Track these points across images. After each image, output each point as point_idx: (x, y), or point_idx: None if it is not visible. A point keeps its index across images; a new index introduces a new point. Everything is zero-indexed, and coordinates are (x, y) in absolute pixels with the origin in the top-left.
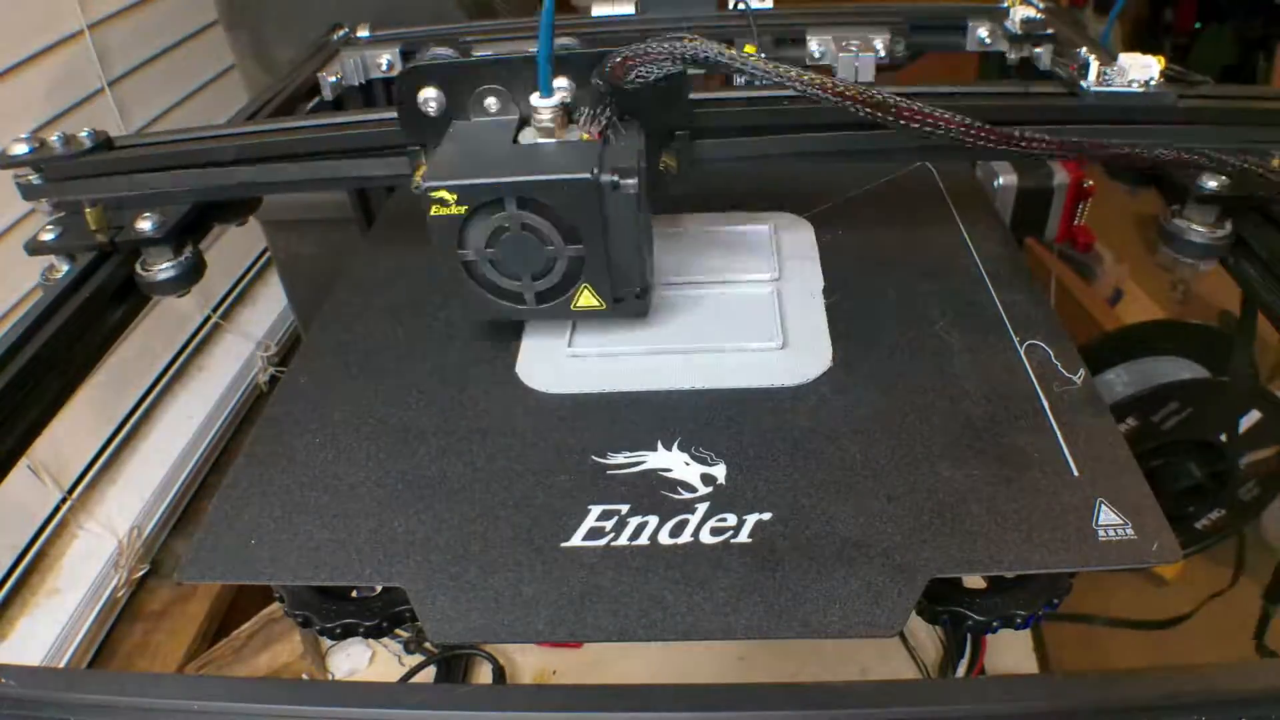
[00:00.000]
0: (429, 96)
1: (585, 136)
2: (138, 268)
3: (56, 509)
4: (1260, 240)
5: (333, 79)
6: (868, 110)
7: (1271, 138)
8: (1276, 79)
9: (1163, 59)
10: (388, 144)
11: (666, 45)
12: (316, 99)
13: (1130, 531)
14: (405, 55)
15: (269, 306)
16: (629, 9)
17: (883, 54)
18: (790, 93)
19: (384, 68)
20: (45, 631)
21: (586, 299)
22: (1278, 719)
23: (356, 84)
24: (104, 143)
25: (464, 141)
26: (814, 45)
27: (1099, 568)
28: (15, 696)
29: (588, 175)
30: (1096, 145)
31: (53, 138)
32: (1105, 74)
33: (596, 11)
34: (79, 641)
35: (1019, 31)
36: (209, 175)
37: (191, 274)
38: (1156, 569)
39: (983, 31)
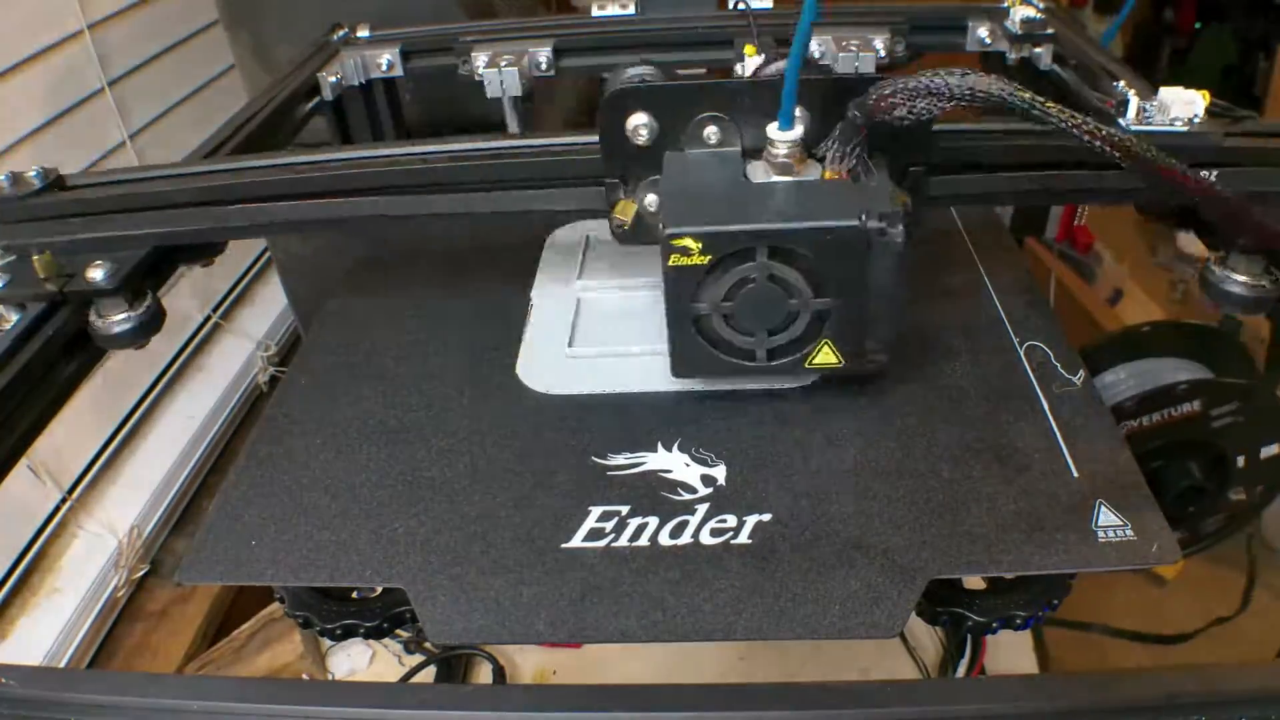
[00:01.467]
0: (639, 123)
1: (829, 174)
2: (91, 317)
3: (56, 509)
4: None
5: (333, 79)
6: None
7: None
8: (1276, 79)
9: (1207, 94)
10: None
11: (945, 80)
12: (316, 99)
13: (1130, 532)
14: (405, 55)
15: (269, 306)
16: (630, 9)
17: (883, 54)
18: (1038, 127)
19: (384, 68)
20: (45, 631)
21: (825, 355)
22: (1277, 719)
23: (357, 84)
24: (55, 182)
25: (691, 179)
26: (814, 45)
27: (1099, 569)
28: (15, 696)
29: (855, 223)
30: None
31: (0, 176)
32: (1145, 110)
33: (596, 12)
34: (79, 641)
35: (1019, 31)
36: (190, 216)
37: (149, 325)
38: (1156, 569)
39: (983, 31)
